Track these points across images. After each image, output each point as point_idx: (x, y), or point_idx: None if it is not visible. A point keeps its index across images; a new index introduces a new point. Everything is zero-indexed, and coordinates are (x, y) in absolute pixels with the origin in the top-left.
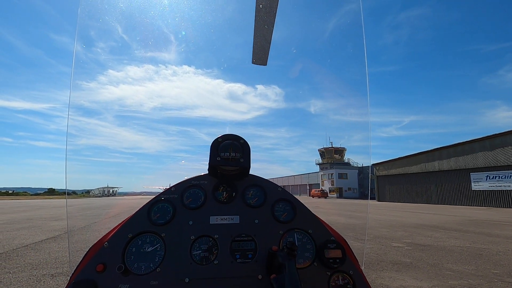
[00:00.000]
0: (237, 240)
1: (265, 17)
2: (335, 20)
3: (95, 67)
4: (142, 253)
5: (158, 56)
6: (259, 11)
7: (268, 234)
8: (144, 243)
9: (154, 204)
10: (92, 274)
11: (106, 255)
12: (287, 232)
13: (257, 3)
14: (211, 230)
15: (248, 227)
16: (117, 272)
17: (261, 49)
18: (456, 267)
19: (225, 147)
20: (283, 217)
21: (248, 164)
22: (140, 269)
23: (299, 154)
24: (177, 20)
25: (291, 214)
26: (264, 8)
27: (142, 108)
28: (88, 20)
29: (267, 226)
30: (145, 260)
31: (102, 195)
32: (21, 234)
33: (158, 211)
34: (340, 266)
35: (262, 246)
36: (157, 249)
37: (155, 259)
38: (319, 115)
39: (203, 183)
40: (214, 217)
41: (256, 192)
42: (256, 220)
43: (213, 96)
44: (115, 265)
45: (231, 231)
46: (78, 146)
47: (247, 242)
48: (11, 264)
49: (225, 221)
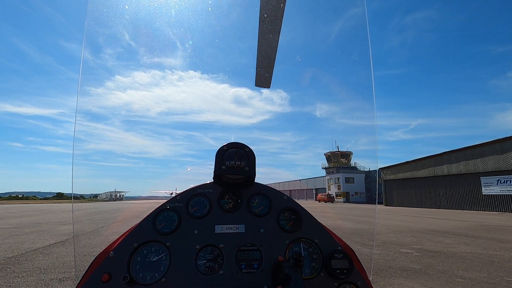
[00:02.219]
0: (242, 249)
1: (269, 26)
2: (340, 23)
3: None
4: (147, 263)
5: (164, 62)
6: (263, 21)
7: (273, 244)
8: (149, 252)
9: (159, 212)
10: (98, 284)
11: (112, 265)
12: (293, 242)
13: (261, 12)
14: (216, 239)
15: (254, 236)
16: (122, 282)
17: (266, 57)
18: (468, 274)
19: (230, 156)
20: (289, 227)
21: (253, 173)
22: (145, 279)
23: (305, 158)
24: (183, 26)
25: (297, 223)
26: (268, 18)
27: (149, 113)
28: (95, 27)
29: (272, 236)
30: (150, 270)
31: (110, 199)
32: (30, 238)
33: (163, 220)
34: (347, 277)
35: (267, 256)
36: (162, 259)
37: (160, 268)
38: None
39: (208, 192)
40: (219, 226)
41: (262, 200)
42: (261, 229)
43: (218, 100)
44: (120, 274)
45: (236, 240)
46: (86, 151)
47: (252, 251)
48: (20, 268)
49: (230, 230)
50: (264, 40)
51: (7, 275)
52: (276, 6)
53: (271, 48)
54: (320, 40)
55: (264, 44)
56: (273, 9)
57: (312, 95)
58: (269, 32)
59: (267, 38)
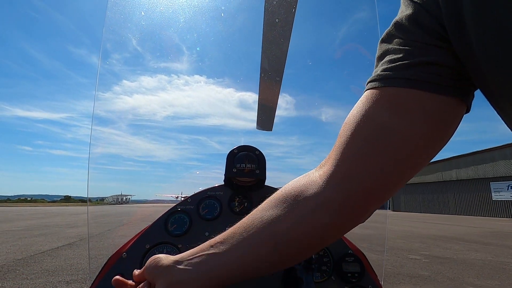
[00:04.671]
0: None
1: (280, 30)
2: (347, 27)
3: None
4: None
5: (170, 67)
6: (275, 25)
7: None
8: (161, 254)
9: (170, 215)
10: (111, 285)
11: (125, 266)
12: None
13: (272, 17)
14: None
15: None
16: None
17: (273, 64)
18: (478, 281)
19: (241, 158)
20: None
21: (264, 176)
22: None
23: (310, 162)
24: (189, 32)
25: None
26: (280, 22)
27: (155, 117)
28: (112, 34)
29: None
30: None
31: (116, 203)
32: (39, 241)
33: (174, 222)
34: (359, 281)
35: None
36: None
37: None
38: (331, 123)
39: (218, 194)
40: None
41: None
42: None
43: (224, 105)
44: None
45: None
46: (94, 155)
47: None
48: (28, 270)
49: None
50: (274, 46)
51: (16, 277)
52: (287, 10)
53: (281, 51)
54: (326, 44)
55: (275, 49)
56: (283, 13)
57: (318, 99)
58: (279, 37)
59: (278, 42)
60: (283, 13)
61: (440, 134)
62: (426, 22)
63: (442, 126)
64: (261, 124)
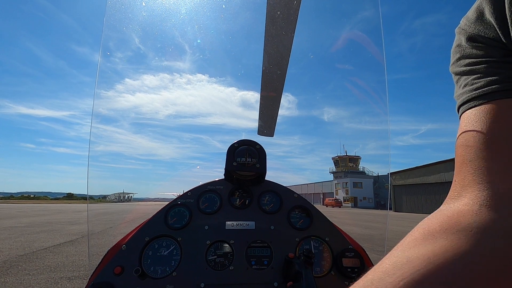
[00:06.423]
0: (252, 246)
1: (283, 24)
2: (351, 26)
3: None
4: (158, 257)
5: (173, 65)
6: (274, 22)
7: (284, 241)
8: (161, 247)
9: (170, 208)
10: (110, 277)
11: (124, 258)
12: (303, 240)
13: (274, 10)
14: (227, 235)
15: (264, 233)
16: (134, 275)
17: (276, 61)
18: None
19: (241, 152)
20: (300, 224)
21: (264, 170)
22: (157, 273)
23: (312, 162)
24: (192, 30)
25: (308, 221)
26: (282, 15)
27: (157, 116)
28: (113, 32)
29: (283, 233)
30: (161, 264)
31: (118, 201)
32: (41, 237)
33: (174, 215)
34: (358, 275)
35: (278, 253)
36: (173, 253)
37: (171, 263)
38: (333, 123)
39: (219, 188)
40: (229, 222)
41: (272, 198)
42: (271, 226)
43: (226, 104)
44: (132, 268)
45: (247, 236)
46: (96, 153)
47: (262, 248)
48: (31, 266)
49: (240, 226)
50: (277, 42)
51: (18, 273)
52: (290, 5)
53: (285, 48)
54: (328, 42)
55: (279, 45)
56: (286, 9)
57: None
58: (281, 34)
59: (281, 38)
60: (285, 6)
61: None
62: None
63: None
64: (262, 130)
